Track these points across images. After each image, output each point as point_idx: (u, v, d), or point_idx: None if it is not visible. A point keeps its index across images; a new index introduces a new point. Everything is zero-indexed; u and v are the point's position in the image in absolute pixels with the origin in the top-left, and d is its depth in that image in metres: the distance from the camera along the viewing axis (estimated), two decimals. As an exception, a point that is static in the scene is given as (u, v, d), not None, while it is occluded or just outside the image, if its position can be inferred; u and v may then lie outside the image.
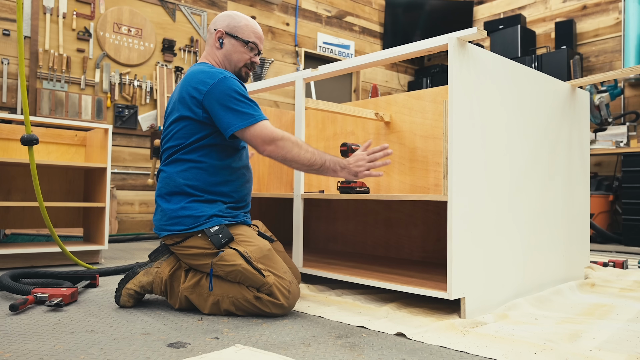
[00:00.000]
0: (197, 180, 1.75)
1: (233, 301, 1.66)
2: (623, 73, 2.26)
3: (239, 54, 1.91)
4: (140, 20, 4.58)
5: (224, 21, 1.92)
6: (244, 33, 1.91)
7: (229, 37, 1.90)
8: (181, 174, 1.76)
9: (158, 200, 1.81)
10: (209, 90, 1.71)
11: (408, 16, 6.40)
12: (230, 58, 1.91)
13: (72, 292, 1.84)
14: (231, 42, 1.90)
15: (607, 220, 4.47)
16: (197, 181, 1.75)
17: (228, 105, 1.70)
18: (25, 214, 3.01)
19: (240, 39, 1.90)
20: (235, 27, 1.91)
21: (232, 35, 1.90)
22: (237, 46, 1.90)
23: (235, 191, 1.82)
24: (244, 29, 1.91)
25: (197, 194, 1.75)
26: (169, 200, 1.77)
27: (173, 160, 1.79)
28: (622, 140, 4.36)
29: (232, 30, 1.90)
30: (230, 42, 1.90)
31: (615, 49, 5.05)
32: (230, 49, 1.90)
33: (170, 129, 1.81)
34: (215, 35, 1.91)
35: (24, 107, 2.13)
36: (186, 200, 1.74)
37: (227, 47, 1.91)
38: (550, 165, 2.18)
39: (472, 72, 1.75)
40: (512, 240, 1.92)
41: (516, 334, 1.46)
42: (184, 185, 1.75)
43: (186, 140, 1.77)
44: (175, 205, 1.75)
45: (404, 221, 2.61)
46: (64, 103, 4.16)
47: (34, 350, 1.29)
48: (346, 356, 1.26)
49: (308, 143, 2.99)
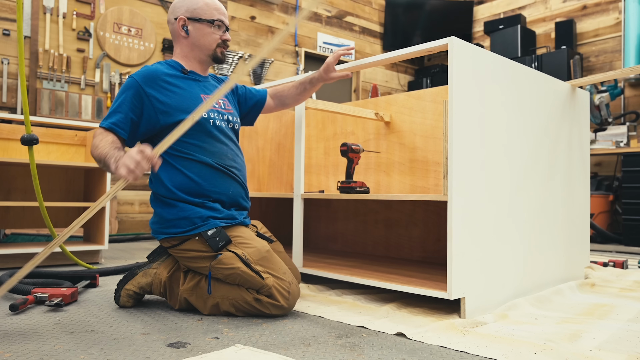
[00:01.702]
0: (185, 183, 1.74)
1: (233, 303, 1.65)
2: (623, 73, 2.26)
3: (208, 36, 1.81)
4: (140, 20, 4.58)
5: (181, 7, 1.81)
6: (206, 13, 1.80)
7: (192, 22, 1.80)
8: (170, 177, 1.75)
9: (152, 205, 1.81)
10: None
11: (408, 16, 6.40)
12: (199, 43, 1.82)
13: (72, 292, 1.84)
14: (196, 27, 1.80)
15: (607, 220, 4.47)
16: (185, 183, 1.74)
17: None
18: (25, 214, 3.01)
19: (205, 20, 1.80)
20: (195, 9, 1.80)
21: (194, 19, 1.80)
22: (202, 29, 1.81)
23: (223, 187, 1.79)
24: (204, 9, 1.80)
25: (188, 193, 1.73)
26: (164, 203, 1.76)
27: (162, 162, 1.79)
28: (622, 140, 4.36)
29: (192, 13, 1.80)
30: (195, 26, 1.80)
31: (615, 49, 5.05)
32: (196, 34, 1.81)
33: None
34: (177, 24, 1.81)
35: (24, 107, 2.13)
36: (181, 202, 1.73)
37: (193, 34, 1.81)
38: (551, 165, 2.18)
39: (472, 72, 1.75)
40: (512, 240, 1.92)
41: (516, 334, 1.46)
42: (173, 186, 1.74)
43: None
44: (170, 208, 1.74)
45: (404, 221, 2.61)
46: (64, 103, 4.16)
47: (34, 350, 1.29)
48: (346, 356, 1.26)
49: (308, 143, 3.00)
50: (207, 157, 1.76)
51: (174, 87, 1.77)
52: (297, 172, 2.23)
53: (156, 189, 1.78)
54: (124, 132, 1.70)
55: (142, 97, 1.72)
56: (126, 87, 1.73)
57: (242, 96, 2.07)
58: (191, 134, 1.74)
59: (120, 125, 1.69)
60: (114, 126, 1.68)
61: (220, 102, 1.90)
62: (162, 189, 1.76)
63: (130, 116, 1.71)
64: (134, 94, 1.72)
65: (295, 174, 2.23)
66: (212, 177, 1.76)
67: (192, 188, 1.73)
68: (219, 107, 1.87)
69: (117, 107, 1.71)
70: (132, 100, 1.71)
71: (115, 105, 1.72)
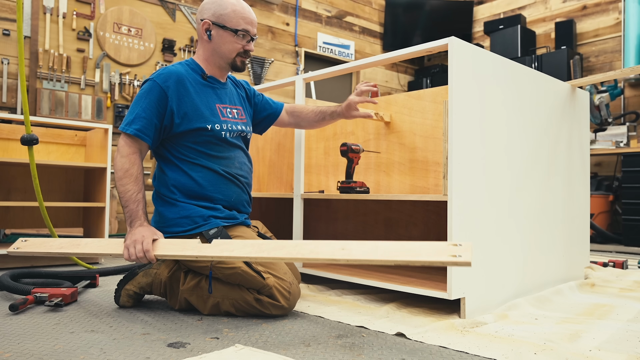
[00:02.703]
0: (189, 185, 1.74)
1: (233, 303, 1.65)
2: (623, 73, 2.26)
3: (229, 45, 1.77)
4: (140, 20, 4.58)
5: (209, 9, 1.77)
6: (232, 21, 1.75)
7: (216, 27, 1.76)
8: (172, 174, 1.76)
9: (154, 202, 1.81)
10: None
11: (408, 16, 6.39)
12: (220, 50, 1.78)
13: (72, 292, 1.84)
14: (219, 33, 1.76)
15: (607, 220, 4.46)
16: (189, 185, 1.74)
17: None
18: (25, 214, 3.01)
19: (229, 29, 1.75)
20: (221, 15, 1.75)
21: (219, 25, 1.75)
22: (225, 36, 1.76)
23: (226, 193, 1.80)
24: (231, 16, 1.75)
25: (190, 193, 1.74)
26: (166, 202, 1.76)
27: (163, 161, 1.79)
28: (622, 141, 4.36)
29: (218, 19, 1.75)
30: (218, 32, 1.76)
31: (615, 49, 5.05)
32: (218, 40, 1.77)
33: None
34: (202, 27, 1.78)
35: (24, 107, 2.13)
36: (182, 202, 1.73)
37: (216, 40, 1.77)
38: (550, 165, 2.18)
39: (472, 72, 1.75)
40: (512, 240, 1.92)
41: (516, 334, 1.46)
42: (176, 186, 1.74)
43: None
44: (172, 207, 1.74)
45: (404, 221, 2.61)
46: (64, 103, 4.16)
47: (34, 350, 1.29)
48: (346, 356, 1.26)
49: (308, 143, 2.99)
50: (214, 164, 1.76)
51: (192, 94, 1.75)
52: (297, 172, 2.23)
53: (159, 187, 1.79)
54: (148, 138, 1.70)
55: (165, 102, 1.70)
56: (149, 90, 1.70)
57: (257, 105, 2.06)
58: (201, 142, 1.74)
59: (145, 131, 1.69)
60: (139, 133, 1.68)
61: (235, 111, 1.89)
62: (164, 189, 1.76)
63: (155, 122, 1.70)
64: (158, 99, 1.69)
65: (295, 174, 2.23)
66: (217, 183, 1.77)
67: (195, 191, 1.74)
68: (233, 116, 1.86)
69: (141, 111, 1.69)
70: (157, 106, 1.69)
71: (138, 109, 1.69)
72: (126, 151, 1.67)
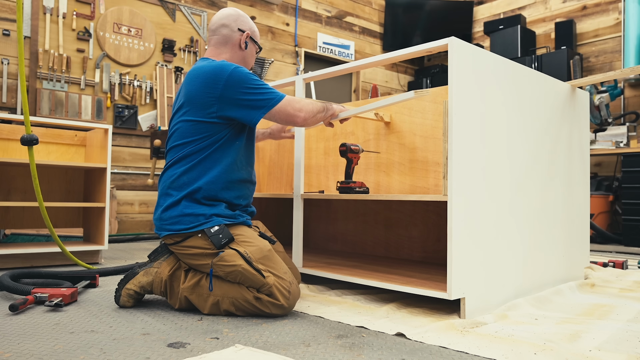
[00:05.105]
0: (199, 180, 1.75)
1: (233, 301, 1.66)
2: (623, 73, 2.26)
3: (253, 58, 2.01)
4: (140, 20, 4.58)
5: (246, 23, 1.96)
6: (257, 37, 2.01)
7: (251, 41, 1.97)
8: (185, 173, 1.76)
9: (159, 199, 1.81)
10: (224, 85, 1.72)
11: (408, 16, 6.40)
12: (247, 59, 1.98)
13: (72, 292, 1.84)
14: (251, 47, 1.98)
15: (607, 221, 4.47)
16: (199, 181, 1.75)
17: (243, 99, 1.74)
18: (25, 214, 3.01)
19: (257, 44, 2.00)
20: (254, 31, 1.99)
21: (253, 39, 1.98)
22: (253, 50, 1.99)
23: (237, 192, 1.82)
24: (257, 35, 2.01)
25: (198, 193, 1.74)
26: (170, 199, 1.76)
27: (178, 159, 1.79)
28: (622, 141, 4.36)
29: (253, 34, 1.98)
30: (251, 46, 1.98)
31: (615, 49, 5.05)
32: (249, 52, 1.98)
33: (176, 127, 1.81)
34: (243, 37, 1.93)
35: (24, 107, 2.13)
36: (187, 200, 1.74)
37: (248, 51, 1.97)
38: (550, 165, 2.18)
39: (472, 73, 1.75)
40: (512, 240, 1.92)
41: (516, 334, 1.46)
42: (185, 185, 1.75)
43: (191, 139, 1.76)
44: (175, 205, 1.75)
45: (404, 221, 2.61)
46: (64, 103, 4.16)
47: (34, 350, 1.29)
48: (346, 356, 1.26)
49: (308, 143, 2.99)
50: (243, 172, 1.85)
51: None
52: (297, 172, 2.23)
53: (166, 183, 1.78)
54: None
55: None
56: (248, 72, 1.80)
57: None
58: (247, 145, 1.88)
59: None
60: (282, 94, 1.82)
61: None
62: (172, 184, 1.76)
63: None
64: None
65: (295, 174, 2.23)
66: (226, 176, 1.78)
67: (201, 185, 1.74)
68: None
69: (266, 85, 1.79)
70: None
71: (264, 86, 1.77)
72: (298, 104, 1.80)
